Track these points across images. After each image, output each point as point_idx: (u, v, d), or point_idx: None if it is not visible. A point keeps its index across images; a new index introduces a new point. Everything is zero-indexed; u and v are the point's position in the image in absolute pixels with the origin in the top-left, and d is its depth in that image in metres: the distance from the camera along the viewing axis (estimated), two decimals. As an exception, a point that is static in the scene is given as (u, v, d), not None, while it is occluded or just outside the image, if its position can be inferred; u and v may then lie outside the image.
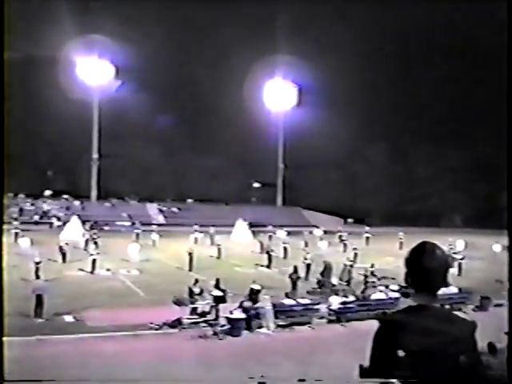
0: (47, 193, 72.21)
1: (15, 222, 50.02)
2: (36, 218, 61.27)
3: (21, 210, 62.23)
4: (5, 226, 46.91)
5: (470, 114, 74.92)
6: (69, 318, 21.06)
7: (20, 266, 31.91)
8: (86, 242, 42.13)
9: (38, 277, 24.66)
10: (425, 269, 3.01)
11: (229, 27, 71.53)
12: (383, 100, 78.21)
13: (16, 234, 45.45)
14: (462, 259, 36.20)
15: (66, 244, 38.01)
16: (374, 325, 3.13)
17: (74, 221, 52.53)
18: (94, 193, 74.11)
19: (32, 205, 65.05)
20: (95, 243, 39.15)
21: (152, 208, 72.59)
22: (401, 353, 2.84)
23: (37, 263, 27.92)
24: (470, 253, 41.01)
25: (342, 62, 71.28)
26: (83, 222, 52.86)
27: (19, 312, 20.82)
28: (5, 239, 34.11)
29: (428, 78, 79.06)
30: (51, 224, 58.60)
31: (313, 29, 72.51)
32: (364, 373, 3.09)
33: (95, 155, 74.17)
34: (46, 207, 65.07)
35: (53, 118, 67.70)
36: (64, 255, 35.91)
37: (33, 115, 69.41)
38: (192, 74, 76.72)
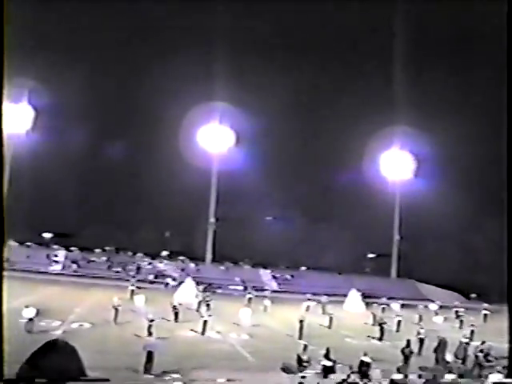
0: (164, 253, 74.11)
1: (132, 280, 51.54)
2: (152, 277, 62.88)
3: (138, 268, 64.28)
4: (123, 283, 48.88)
5: None
6: (176, 376, 21.16)
7: (133, 323, 32.79)
8: (199, 303, 42.59)
9: (150, 334, 25.08)
10: None
11: (346, 97, 72.21)
12: (502, 172, 75.47)
13: (132, 291, 46.69)
14: None
15: (180, 304, 38.57)
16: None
17: (189, 282, 53.40)
18: (209, 256, 75.37)
19: (149, 264, 66.94)
20: (207, 305, 39.54)
21: (265, 274, 72.64)
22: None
23: (150, 321, 28.43)
24: None
25: (461, 134, 69.75)
26: (197, 284, 53.64)
27: (129, 366, 21.25)
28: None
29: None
30: (166, 284, 59.87)
31: (431, 101, 71.80)
32: None
33: (212, 219, 75.79)
34: (162, 267, 66.77)
35: (173, 183, 70.00)
36: (176, 315, 36.40)
37: (155, 180, 72.20)
38: (310, 143, 77.47)
